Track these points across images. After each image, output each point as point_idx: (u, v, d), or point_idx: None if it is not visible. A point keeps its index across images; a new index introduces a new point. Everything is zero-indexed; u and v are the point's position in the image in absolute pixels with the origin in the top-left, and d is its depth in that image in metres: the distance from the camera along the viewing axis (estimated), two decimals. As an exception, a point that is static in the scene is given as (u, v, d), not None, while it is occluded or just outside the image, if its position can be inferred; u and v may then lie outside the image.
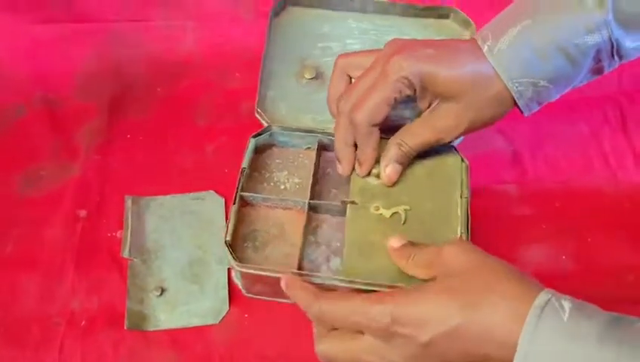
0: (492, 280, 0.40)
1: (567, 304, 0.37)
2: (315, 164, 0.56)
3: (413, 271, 0.45)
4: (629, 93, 0.72)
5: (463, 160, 0.54)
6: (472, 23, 0.62)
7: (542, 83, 0.48)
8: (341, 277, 0.48)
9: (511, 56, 0.47)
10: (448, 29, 0.65)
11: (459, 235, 0.50)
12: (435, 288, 0.41)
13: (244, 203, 0.55)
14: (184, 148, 0.67)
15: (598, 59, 0.48)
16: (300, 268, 0.51)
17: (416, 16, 0.65)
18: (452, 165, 0.54)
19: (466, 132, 0.51)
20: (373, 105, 0.49)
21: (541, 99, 0.50)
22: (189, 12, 0.75)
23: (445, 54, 0.49)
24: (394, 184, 0.53)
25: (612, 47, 0.47)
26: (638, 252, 0.60)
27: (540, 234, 0.61)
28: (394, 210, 0.51)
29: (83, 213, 0.62)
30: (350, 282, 0.48)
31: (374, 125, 0.50)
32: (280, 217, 0.55)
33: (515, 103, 0.49)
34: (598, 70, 0.49)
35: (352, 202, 0.52)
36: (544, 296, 0.37)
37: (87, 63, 0.73)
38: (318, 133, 0.57)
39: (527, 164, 0.67)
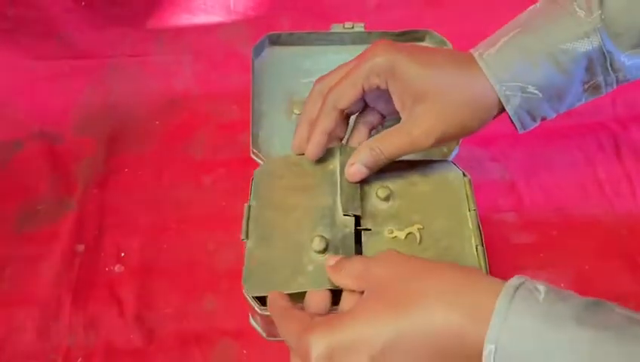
0: (426, 283, 0.38)
1: (542, 287, 0.36)
2: None
3: (344, 281, 0.43)
4: (623, 120, 0.72)
5: (464, 174, 0.54)
6: (449, 42, 0.63)
7: (530, 88, 0.47)
8: None
9: (499, 59, 0.47)
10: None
11: (474, 247, 0.50)
12: (366, 305, 0.39)
13: None
14: (182, 181, 0.67)
15: (591, 72, 0.47)
16: None
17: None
18: (454, 181, 0.54)
19: (443, 138, 0.48)
20: (340, 88, 0.49)
21: (532, 110, 0.48)
22: (186, 46, 0.76)
23: (426, 52, 0.49)
24: (403, 205, 0.52)
25: (605, 59, 0.46)
26: (637, 279, 0.60)
27: (538, 262, 0.61)
28: (408, 230, 0.51)
29: (81, 247, 0.62)
30: None
31: (339, 109, 0.50)
32: None
33: (503, 111, 0.48)
34: (594, 87, 0.48)
35: (366, 229, 0.52)
36: (517, 279, 0.36)
37: (84, 98, 0.74)
38: None
39: (522, 192, 0.67)
